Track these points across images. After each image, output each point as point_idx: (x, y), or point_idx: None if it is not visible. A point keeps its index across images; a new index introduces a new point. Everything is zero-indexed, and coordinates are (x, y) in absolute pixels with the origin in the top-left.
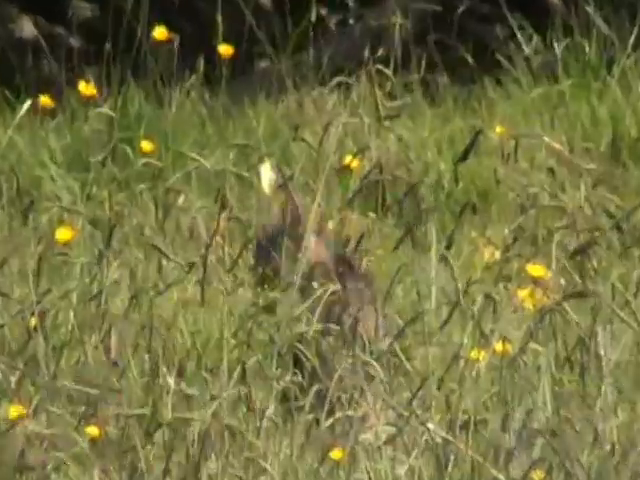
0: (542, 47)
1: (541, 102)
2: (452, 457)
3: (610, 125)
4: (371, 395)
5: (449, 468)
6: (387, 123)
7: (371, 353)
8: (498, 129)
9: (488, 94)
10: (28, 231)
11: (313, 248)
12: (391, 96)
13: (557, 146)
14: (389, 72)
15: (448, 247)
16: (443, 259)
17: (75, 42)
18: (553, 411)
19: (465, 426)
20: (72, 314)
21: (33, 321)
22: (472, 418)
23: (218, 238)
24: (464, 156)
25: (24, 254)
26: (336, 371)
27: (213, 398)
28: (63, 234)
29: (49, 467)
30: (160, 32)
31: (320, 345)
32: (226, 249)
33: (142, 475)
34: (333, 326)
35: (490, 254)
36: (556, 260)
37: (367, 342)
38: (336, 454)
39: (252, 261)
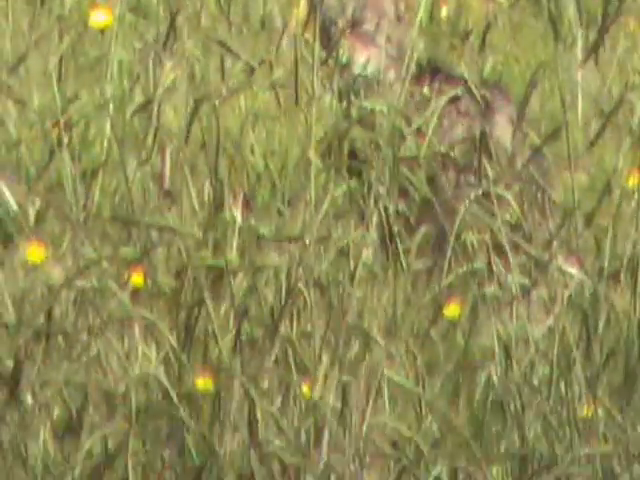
0: None
1: None
2: (604, 315)
3: None
4: (499, 235)
5: (600, 329)
6: None
7: (497, 183)
8: None
9: None
10: (51, 19)
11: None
12: None
13: None
14: None
15: (599, 41)
16: (593, 56)
17: None
18: None
19: (621, 275)
20: (108, 127)
21: (57, 135)
22: (631, 262)
23: (299, 27)
24: None
25: (46, 49)
26: (454, 204)
27: (293, 238)
28: (98, 20)
29: (81, 328)
30: None
31: (434, 170)
32: (312, 44)
33: (200, 337)
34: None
35: None
36: None
37: (490, 167)
38: (452, 311)
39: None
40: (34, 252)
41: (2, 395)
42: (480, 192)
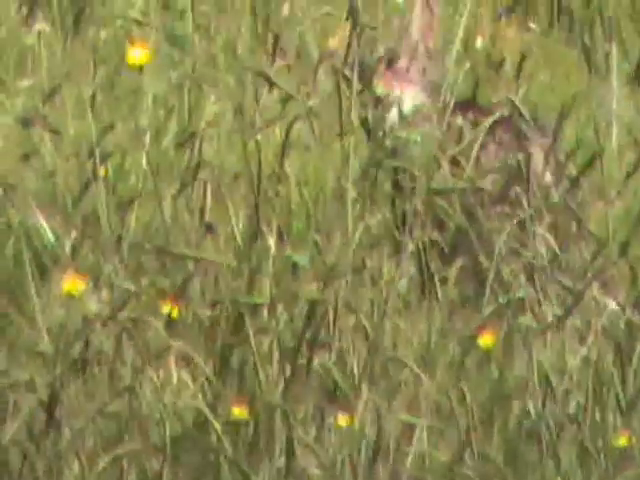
0: None
1: None
2: (639, 345)
3: None
4: (534, 266)
5: (634, 359)
6: None
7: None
8: None
9: None
10: (86, 50)
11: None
12: None
13: None
14: None
15: (636, 71)
16: (628, 86)
17: None
18: None
19: None
20: (144, 158)
21: (92, 166)
22: None
23: (337, 55)
24: None
25: (81, 80)
26: (490, 235)
27: (329, 269)
28: (135, 56)
29: (111, 355)
30: None
31: (469, 200)
32: (348, 75)
33: (235, 369)
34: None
35: None
36: None
37: (526, 198)
38: (486, 340)
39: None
40: (71, 283)
41: (39, 424)
42: (515, 223)
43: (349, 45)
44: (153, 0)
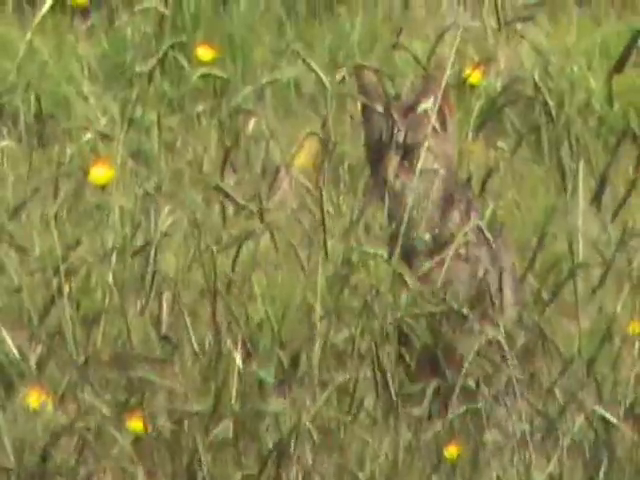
0: None
1: None
2: (605, 461)
3: None
4: (500, 381)
5: (601, 474)
6: (519, 27)
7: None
8: None
9: None
10: (52, 166)
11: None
12: None
13: None
14: None
15: (600, 188)
16: (594, 203)
17: None
18: None
19: (627, 415)
20: (110, 275)
21: (58, 282)
22: (631, 409)
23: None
24: (618, 66)
25: (47, 196)
26: (454, 350)
27: (294, 383)
28: (98, 175)
29: (80, 472)
30: None
31: (435, 316)
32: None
33: None
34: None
35: None
36: None
37: (493, 313)
38: (452, 453)
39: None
40: (35, 398)
41: None
42: (483, 341)
43: (321, 161)
44: (118, 115)
